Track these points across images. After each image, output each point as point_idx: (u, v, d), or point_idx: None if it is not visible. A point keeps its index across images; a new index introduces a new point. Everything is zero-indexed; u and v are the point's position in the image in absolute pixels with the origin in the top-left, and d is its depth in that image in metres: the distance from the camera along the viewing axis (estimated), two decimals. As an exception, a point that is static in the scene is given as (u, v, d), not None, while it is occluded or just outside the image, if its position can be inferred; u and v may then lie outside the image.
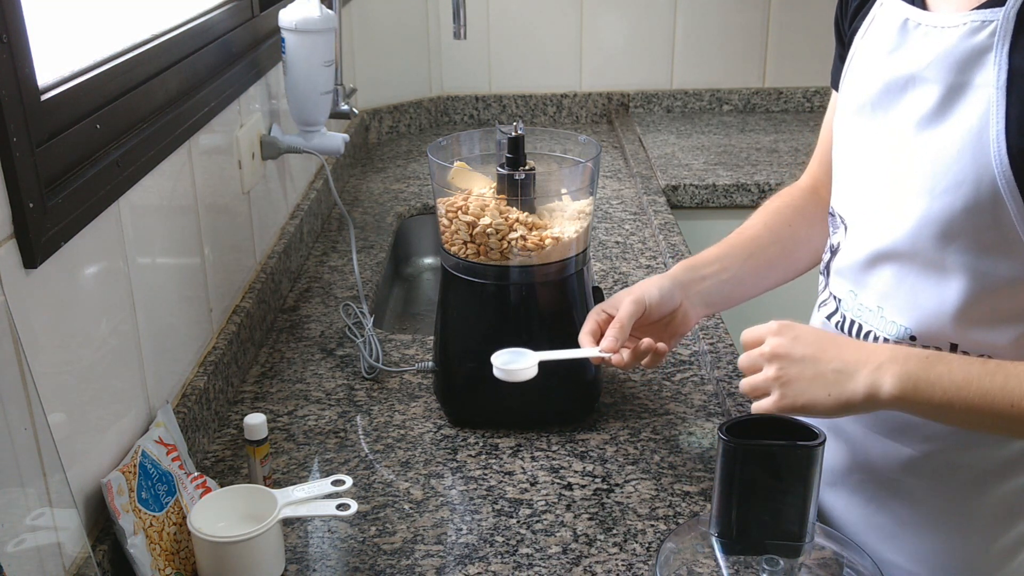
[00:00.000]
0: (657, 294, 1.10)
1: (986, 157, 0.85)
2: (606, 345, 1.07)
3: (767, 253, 1.16)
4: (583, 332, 1.11)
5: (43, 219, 0.83)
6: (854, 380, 0.88)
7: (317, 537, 1.05)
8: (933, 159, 0.89)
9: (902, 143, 0.93)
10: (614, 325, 1.08)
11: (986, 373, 0.85)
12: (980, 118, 0.85)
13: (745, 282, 1.17)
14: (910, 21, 0.93)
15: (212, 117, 1.29)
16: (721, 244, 1.18)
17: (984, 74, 0.85)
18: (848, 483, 1.06)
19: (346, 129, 2.14)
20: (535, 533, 1.05)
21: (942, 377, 0.85)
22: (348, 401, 1.31)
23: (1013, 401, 0.83)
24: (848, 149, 1.02)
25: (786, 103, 2.65)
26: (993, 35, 0.85)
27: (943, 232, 0.89)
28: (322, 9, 1.49)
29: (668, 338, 1.13)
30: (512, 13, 2.54)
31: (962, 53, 0.87)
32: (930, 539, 1.00)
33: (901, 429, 0.99)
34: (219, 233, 1.34)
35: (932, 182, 0.89)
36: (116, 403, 1.00)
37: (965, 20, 0.87)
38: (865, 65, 0.99)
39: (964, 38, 0.87)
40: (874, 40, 0.99)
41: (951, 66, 0.88)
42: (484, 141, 1.28)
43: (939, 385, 0.85)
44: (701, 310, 1.15)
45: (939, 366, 0.86)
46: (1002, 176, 0.84)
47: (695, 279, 1.14)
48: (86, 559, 0.87)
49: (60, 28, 1.02)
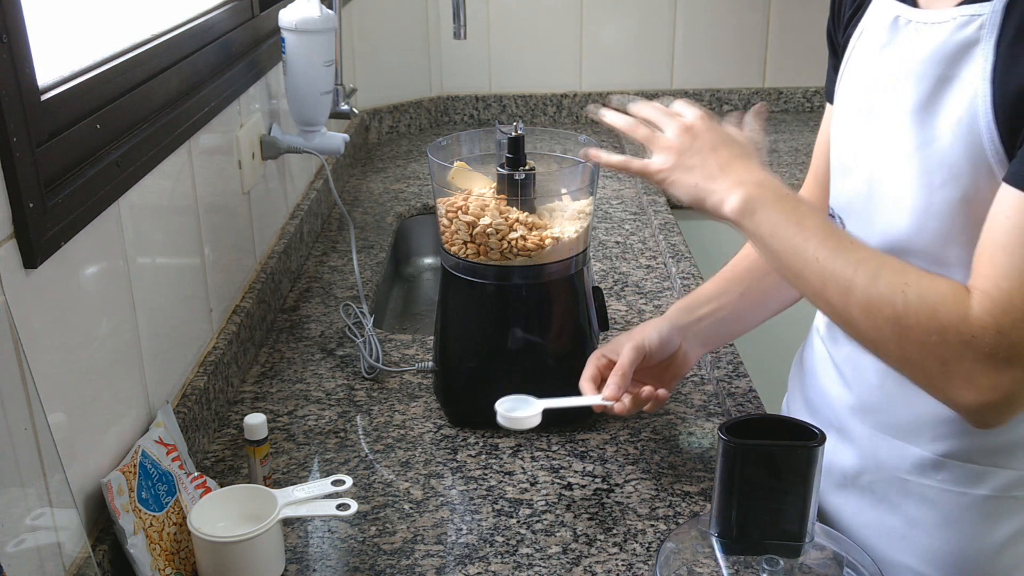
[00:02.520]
0: (657, 339, 1.11)
1: (979, 147, 0.85)
2: (609, 393, 1.08)
3: (763, 284, 1.17)
4: (584, 378, 1.13)
5: (43, 219, 0.83)
6: (717, 183, 0.94)
7: (317, 537, 1.05)
8: (928, 153, 0.89)
9: (897, 139, 0.93)
10: (616, 372, 1.09)
11: (816, 228, 0.89)
12: (968, 110, 0.85)
13: (743, 318, 1.18)
14: (900, 18, 0.94)
15: (212, 117, 1.29)
16: (716, 279, 1.19)
17: (971, 67, 0.86)
18: (857, 484, 1.06)
19: (346, 129, 2.14)
20: (535, 533, 1.05)
21: (779, 214, 0.90)
22: (348, 401, 1.31)
23: (819, 257, 0.87)
24: (845, 148, 1.03)
25: (786, 103, 2.65)
26: (981, 28, 0.85)
27: (944, 225, 0.89)
28: (322, 9, 1.49)
29: (668, 380, 1.15)
30: (512, 13, 2.54)
31: (951, 47, 0.87)
32: (942, 539, 0.99)
33: (910, 429, 0.99)
34: (219, 233, 1.34)
35: (929, 176, 0.89)
36: (116, 403, 1.00)
37: (954, 15, 0.88)
38: (859, 65, 1.00)
39: (953, 32, 0.87)
40: (867, 40, 0.99)
41: (940, 60, 0.88)
42: (484, 141, 1.28)
43: (770, 220, 0.90)
44: (700, 350, 1.17)
45: (785, 204, 0.91)
46: (998, 164, 0.84)
47: (692, 321, 1.15)
48: (86, 559, 0.87)
49: (60, 28, 1.02)
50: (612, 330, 1.48)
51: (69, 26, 1.07)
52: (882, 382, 1.01)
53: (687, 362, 1.15)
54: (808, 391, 1.15)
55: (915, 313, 0.82)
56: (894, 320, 0.83)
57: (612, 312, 1.54)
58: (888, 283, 0.84)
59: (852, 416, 1.05)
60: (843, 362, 1.07)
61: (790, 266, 0.90)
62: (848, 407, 1.06)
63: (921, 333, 0.82)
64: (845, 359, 1.06)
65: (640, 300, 1.59)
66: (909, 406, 0.99)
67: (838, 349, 1.08)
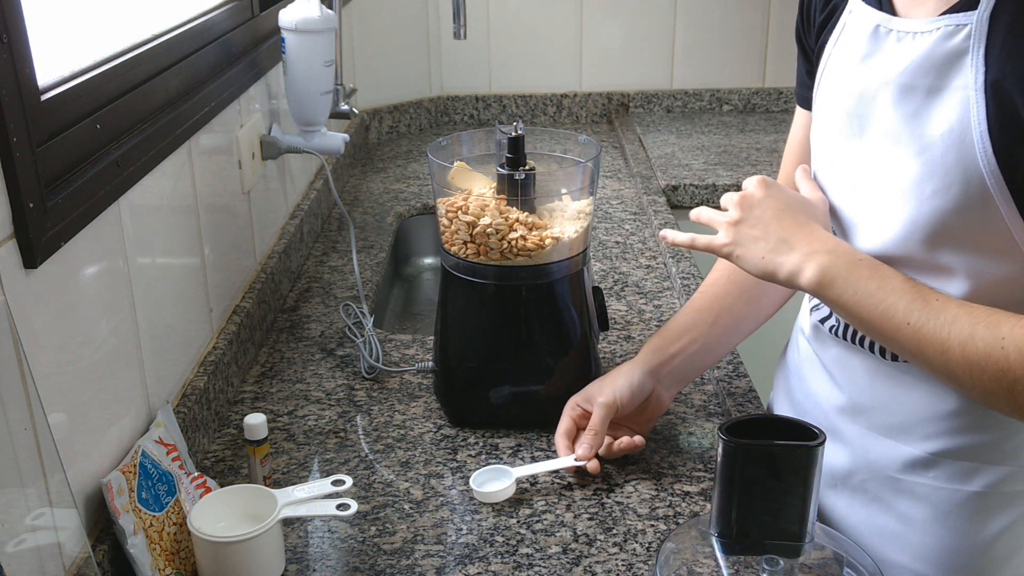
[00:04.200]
0: (628, 392, 1.13)
1: (972, 158, 0.85)
2: (581, 453, 1.11)
3: (734, 310, 1.17)
4: (559, 433, 1.15)
5: (43, 219, 0.83)
6: (787, 255, 0.93)
7: (317, 537, 1.05)
8: (917, 164, 0.89)
9: (883, 149, 0.93)
10: (588, 432, 1.12)
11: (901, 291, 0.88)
12: (960, 121, 0.85)
13: (715, 347, 1.19)
14: (881, 27, 0.93)
15: (212, 117, 1.29)
16: (686, 311, 1.19)
17: (962, 77, 0.85)
18: (849, 484, 1.06)
19: (346, 129, 2.15)
20: (535, 533, 1.05)
21: (859, 281, 0.90)
22: (348, 401, 1.31)
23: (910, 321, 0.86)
24: (828, 160, 1.02)
25: (786, 103, 2.65)
26: (968, 38, 0.85)
27: (932, 235, 0.89)
28: (322, 9, 1.49)
29: (644, 423, 1.17)
30: (512, 13, 2.54)
31: (938, 57, 0.87)
32: (934, 536, 1.00)
33: (900, 428, 0.99)
34: (219, 233, 1.34)
35: (918, 187, 0.89)
36: (116, 403, 1.00)
37: (939, 25, 0.87)
38: (838, 75, 0.99)
39: (939, 42, 0.87)
40: (845, 49, 0.99)
41: (928, 70, 0.88)
42: (484, 141, 1.28)
43: (851, 289, 0.90)
44: (674, 389, 1.18)
45: (863, 270, 0.90)
46: (990, 176, 0.84)
47: (664, 360, 1.15)
48: (86, 559, 0.87)
49: (60, 28, 1.02)
50: (612, 330, 1.48)
51: (69, 26, 1.07)
52: (872, 382, 1.01)
53: (661, 404, 1.17)
54: (794, 392, 1.15)
55: (1019, 367, 0.81)
56: (998, 376, 0.82)
57: (612, 312, 1.54)
58: (985, 340, 0.83)
59: (842, 416, 1.05)
60: (831, 363, 1.07)
61: (880, 332, 0.90)
62: (838, 408, 1.06)
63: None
64: (834, 360, 1.06)
65: (640, 300, 1.59)
66: (900, 405, 0.99)
67: (826, 350, 1.08)
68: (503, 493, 1.09)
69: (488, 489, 1.09)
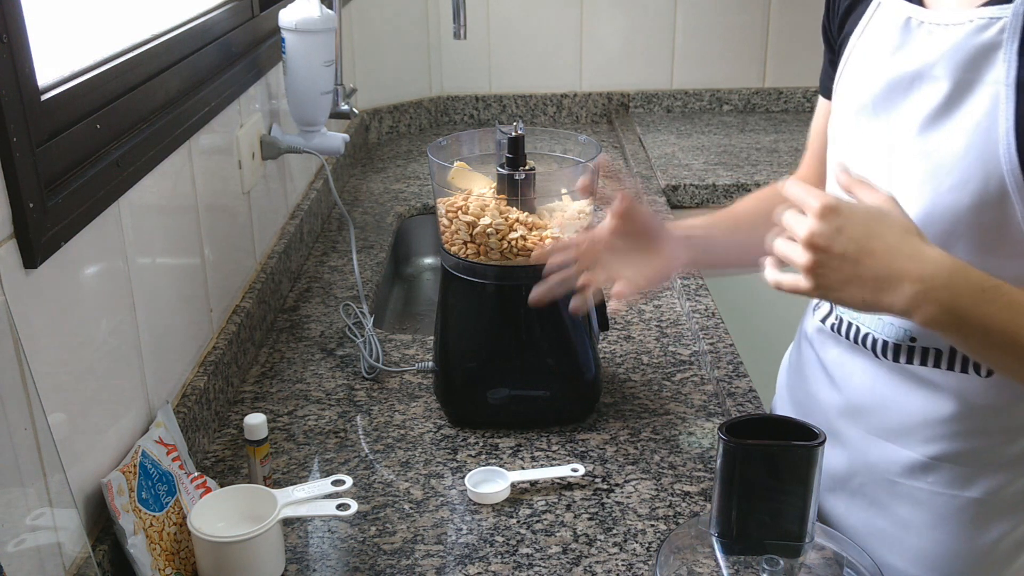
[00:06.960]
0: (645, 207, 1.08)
1: (994, 155, 0.84)
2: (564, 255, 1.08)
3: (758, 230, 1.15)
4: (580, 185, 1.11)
5: (43, 219, 0.83)
6: (894, 294, 0.81)
7: (317, 537, 1.05)
8: (939, 156, 0.89)
9: (905, 141, 0.93)
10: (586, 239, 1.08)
11: None
12: (988, 115, 0.85)
13: (729, 251, 1.14)
14: (912, 20, 0.93)
15: (212, 117, 1.29)
16: (708, 216, 1.16)
17: (993, 71, 0.85)
18: (847, 487, 1.06)
19: (346, 129, 2.14)
20: (535, 533, 1.05)
21: (986, 317, 0.81)
22: (348, 401, 1.31)
23: None
24: (847, 149, 1.02)
25: (786, 103, 2.65)
26: (1002, 32, 0.84)
27: (946, 230, 0.88)
28: (322, 9, 1.49)
29: (651, 273, 1.08)
30: (512, 13, 2.54)
31: (970, 50, 0.86)
32: (932, 541, 1.00)
33: (901, 432, 0.99)
34: (219, 233, 1.34)
35: (936, 180, 0.88)
36: (116, 403, 1.00)
37: (972, 17, 0.86)
38: (865, 66, 0.99)
39: (971, 35, 0.86)
40: (873, 40, 0.98)
41: (959, 63, 0.87)
42: (484, 141, 1.28)
43: (980, 325, 0.81)
44: (683, 254, 1.11)
45: (988, 307, 0.81)
46: (1010, 174, 0.84)
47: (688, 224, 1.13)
48: (86, 559, 0.87)
49: (60, 28, 1.02)
50: (612, 330, 1.48)
51: (69, 26, 1.07)
52: (872, 385, 1.01)
53: (671, 260, 1.09)
54: (797, 394, 1.15)
55: None
56: None
57: (612, 312, 1.54)
58: None
59: (842, 419, 1.05)
60: (833, 365, 1.07)
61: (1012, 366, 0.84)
62: (838, 410, 1.06)
63: None
64: (834, 362, 1.06)
65: (640, 300, 1.59)
66: (900, 409, 0.99)
67: (827, 352, 1.07)
68: (497, 496, 1.09)
69: (483, 490, 1.09)
